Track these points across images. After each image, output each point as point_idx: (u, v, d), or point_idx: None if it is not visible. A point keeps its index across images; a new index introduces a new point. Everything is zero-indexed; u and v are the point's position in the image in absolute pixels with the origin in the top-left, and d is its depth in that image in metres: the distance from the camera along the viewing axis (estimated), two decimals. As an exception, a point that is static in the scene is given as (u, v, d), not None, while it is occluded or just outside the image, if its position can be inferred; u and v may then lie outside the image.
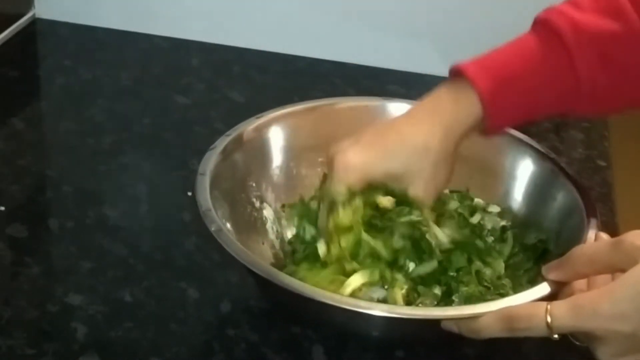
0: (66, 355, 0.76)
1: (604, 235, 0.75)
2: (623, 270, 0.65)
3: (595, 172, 1.06)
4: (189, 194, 0.80)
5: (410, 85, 1.21)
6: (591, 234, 0.76)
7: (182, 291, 0.84)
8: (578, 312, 0.65)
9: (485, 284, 0.81)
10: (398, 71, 1.24)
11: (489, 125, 0.79)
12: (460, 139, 0.79)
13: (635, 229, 0.68)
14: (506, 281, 0.81)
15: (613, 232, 0.77)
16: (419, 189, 0.79)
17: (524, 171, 0.87)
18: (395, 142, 0.79)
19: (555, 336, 0.66)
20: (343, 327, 0.76)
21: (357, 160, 0.78)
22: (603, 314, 0.64)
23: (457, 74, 0.80)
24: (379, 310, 0.70)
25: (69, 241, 0.90)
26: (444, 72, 1.21)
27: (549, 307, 0.66)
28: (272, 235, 0.86)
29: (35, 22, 1.32)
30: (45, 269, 0.87)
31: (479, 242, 0.82)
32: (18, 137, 1.07)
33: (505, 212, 0.87)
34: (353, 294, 0.74)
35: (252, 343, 0.79)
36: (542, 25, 0.80)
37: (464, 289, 0.79)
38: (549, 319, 0.65)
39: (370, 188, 0.78)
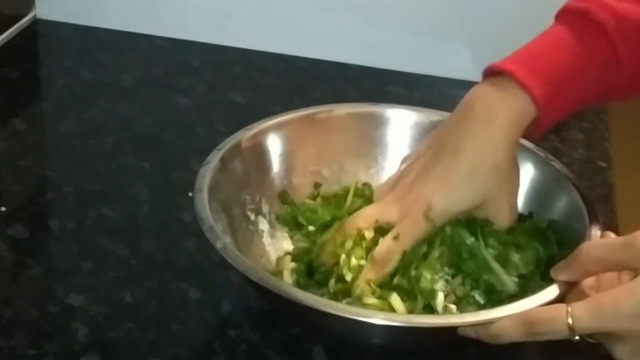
0: (67, 356, 0.76)
1: (612, 235, 0.75)
2: (635, 270, 0.65)
3: (595, 172, 1.06)
4: (190, 194, 0.80)
5: (412, 86, 1.21)
6: (597, 233, 0.75)
7: (182, 292, 0.84)
8: (600, 313, 0.65)
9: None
10: (400, 72, 1.23)
11: (541, 125, 0.78)
12: (518, 141, 0.78)
13: (636, 230, 0.68)
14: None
15: (613, 233, 0.77)
16: (502, 210, 0.78)
17: (524, 176, 0.87)
18: (468, 173, 0.77)
19: (577, 338, 0.66)
20: (364, 341, 0.76)
21: (440, 204, 0.76)
22: (625, 313, 0.64)
23: (496, 73, 0.78)
24: (391, 321, 0.69)
25: (70, 242, 0.90)
26: (445, 73, 1.22)
27: (569, 309, 0.65)
28: (268, 248, 0.86)
29: (36, 22, 1.32)
30: (46, 270, 0.87)
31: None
32: (19, 137, 1.07)
33: None
34: None
35: (253, 344, 0.79)
36: (581, 17, 0.78)
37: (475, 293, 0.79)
38: (570, 321, 0.65)
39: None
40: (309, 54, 1.26)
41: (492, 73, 0.78)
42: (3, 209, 0.94)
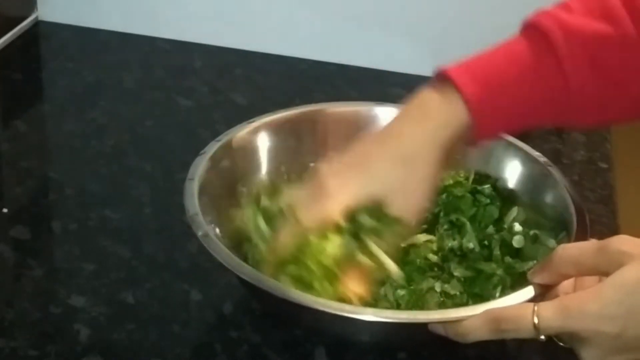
0: (69, 357, 0.77)
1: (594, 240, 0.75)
2: (607, 274, 0.65)
3: (596, 174, 1.06)
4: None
5: (413, 88, 1.20)
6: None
7: (184, 293, 0.84)
8: (565, 313, 0.65)
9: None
10: (401, 73, 1.24)
11: (476, 133, 0.76)
12: (448, 146, 0.76)
13: (636, 231, 0.68)
14: None
15: (614, 234, 0.76)
16: (405, 206, 0.75)
17: (512, 173, 0.87)
18: (379, 160, 0.76)
19: (542, 337, 0.66)
20: (329, 332, 0.76)
21: (338, 191, 0.74)
22: (590, 314, 0.64)
23: (441, 77, 0.77)
24: (363, 315, 0.69)
25: (72, 243, 0.91)
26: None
27: (536, 308, 0.66)
28: None
29: (38, 24, 1.32)
30: (48, 271, 0.87)
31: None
32: (21, 139, 1.08)
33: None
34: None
35: (254, 344, 0.79)
36: (532, 28, 0.77)
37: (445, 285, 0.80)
38: (536, 320, 0.65)
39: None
40: (310, 55, 1.26)
41: (439, 76, 0.78)
42: (5, 210, 0.94)
